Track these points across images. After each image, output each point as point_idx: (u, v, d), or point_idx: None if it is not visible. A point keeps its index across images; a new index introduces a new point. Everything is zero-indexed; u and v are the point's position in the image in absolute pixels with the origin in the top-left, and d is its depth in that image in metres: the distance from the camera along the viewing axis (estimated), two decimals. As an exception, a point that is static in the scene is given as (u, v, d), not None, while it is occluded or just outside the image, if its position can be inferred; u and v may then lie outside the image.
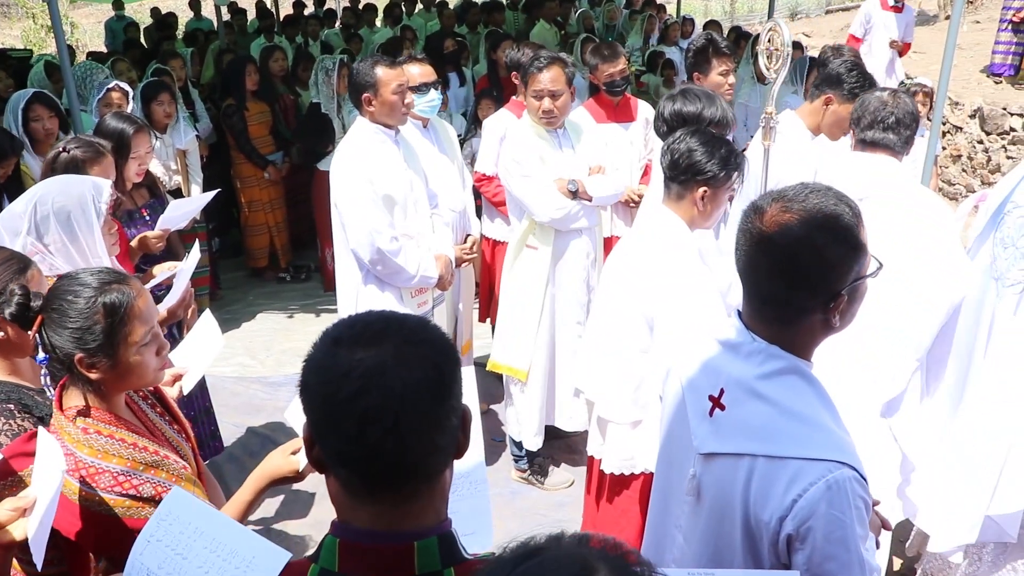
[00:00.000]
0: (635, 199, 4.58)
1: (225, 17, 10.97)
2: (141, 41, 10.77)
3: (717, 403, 1.71)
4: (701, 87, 3.34)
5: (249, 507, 1.91)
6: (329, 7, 13.40)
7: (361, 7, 12.26)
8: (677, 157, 2.71)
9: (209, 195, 4.07)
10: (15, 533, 1.68)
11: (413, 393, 1.15)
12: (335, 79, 6.35)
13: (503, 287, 4.22)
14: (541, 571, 0.84)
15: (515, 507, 4.27)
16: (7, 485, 1.84)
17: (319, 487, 3.91)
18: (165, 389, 2.30)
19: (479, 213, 4.90)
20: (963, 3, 5.06)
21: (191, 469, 2.08)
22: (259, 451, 4.65)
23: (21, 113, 4.64)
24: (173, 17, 11.89)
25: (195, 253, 3.14)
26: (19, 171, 4.44)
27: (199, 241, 3.34)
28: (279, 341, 6.26)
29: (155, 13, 12.66)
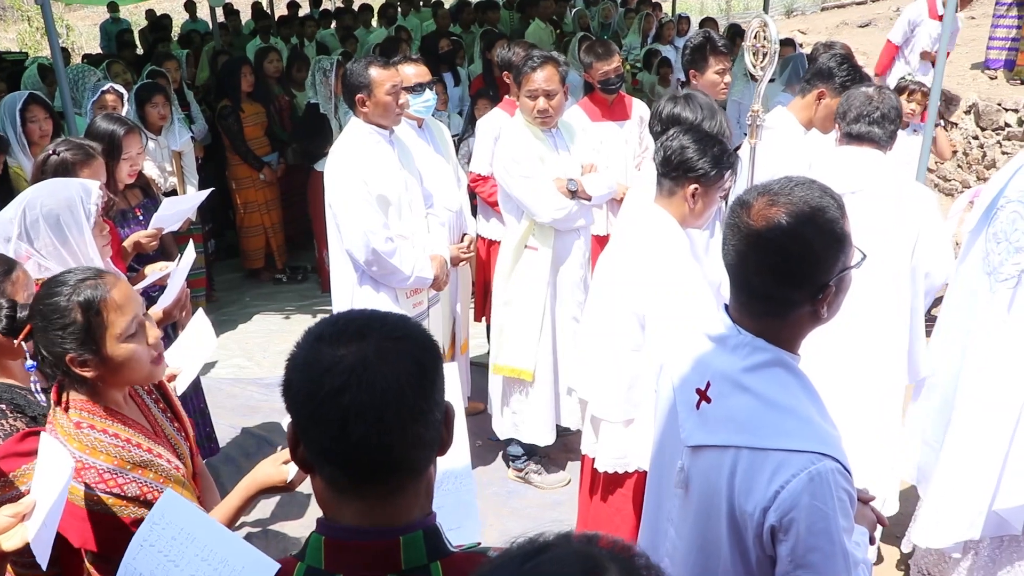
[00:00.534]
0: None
1: (220, 18, 10.97)
2: (135, 43, 10.76)
3: (704, 396, 1.72)
4: (706, 97, 3.32)
5: (237, 514, 1.91)
6: (325, 8, 13.39)
7: (357, 8, 12.26)
8: (670, 154, 2.73)
9: (203, 194, 4.07)
10: (13, 540, 1.68)
11: (395, 389, 1.15)
12: (333, 80, 6.35)
13: (501, 289, 4.20)
14: (551, 567, 0.84)
15: (511, 506, 4.27)
16: None
17: (315, 488, 3.91)
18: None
19: (474, 213, 4.90)
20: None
21: (185, 469, 2.08)
22: (255, 452, 4.65)
23: (18, 114, 4.64)
24: (168, 19, 11.89)
25: (190, 253, 3.14)
26: (7, 172, 4.42)
27: (194, 242, 3.32)
28: (275, 342, 6.26)
29: (150, 15, 12.67)
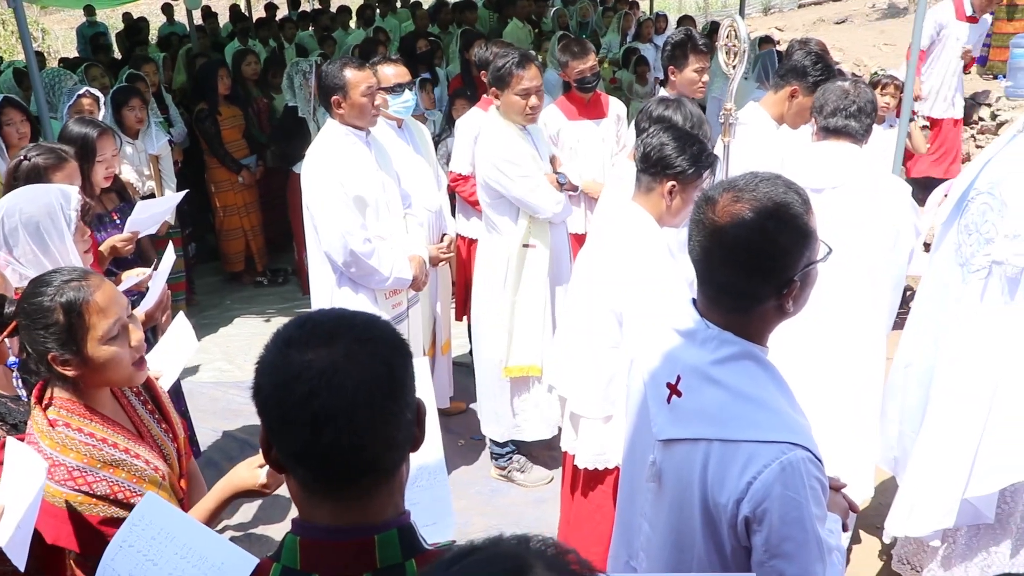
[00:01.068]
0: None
1: (198, 21, 10.91)
2: (112, 47, 10.70)
3: (674, 390, 1.73)
4: (696, 108, 3.35)
5: (212, 517, 1.91)
6: (303, 9, 13.34)
7: (335, 9, 12.24)
8: (649, 150, 2.75)
9: (178, 196, 4.05)
10: None
11: (365, 391, 1.16)
12: (312, 82, 6.33)
13: (500, 292, 4.18)
14: (476, 568, 0.86)
15: (494, 505, 4.28)
16: None
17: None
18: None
19: (453, 212, 4.92)
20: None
21: (170, 471, 2.09)
22: (237, 456, 4.63)
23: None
24: (145, 22, 11.82)
25: (169, 255, 3.13)
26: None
27: (173, 245, 3.30)
28: (257, 346, 6.06)
29: (127, 19, 12.58)
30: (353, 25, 11.90)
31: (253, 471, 1.88)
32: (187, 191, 4.42)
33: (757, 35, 8.05)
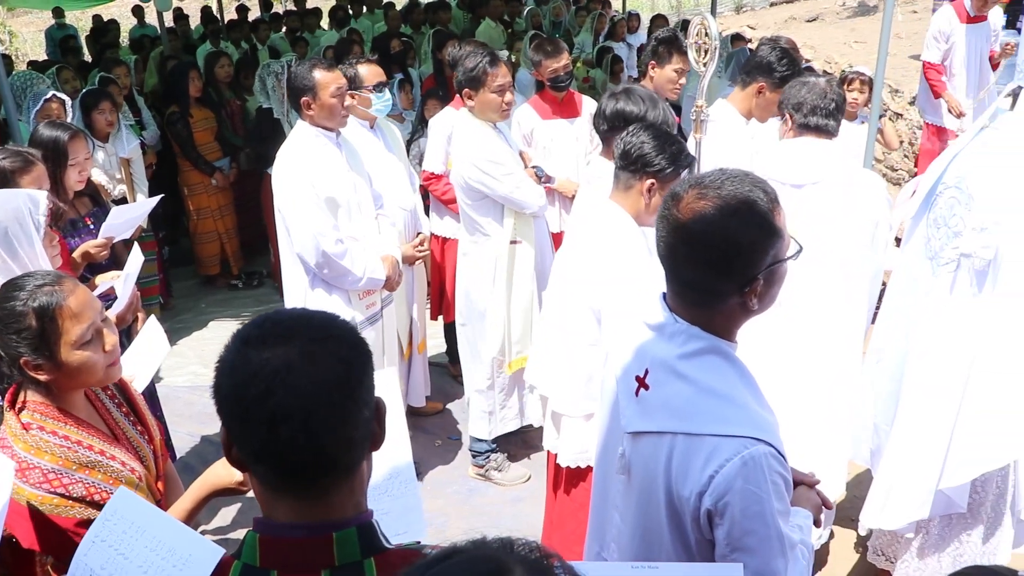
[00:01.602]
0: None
1: (169, 23, 10.82)
2: (82, 49, 10.58)
3: (642, 383, 1.74)
4: (645, 88, 3.37)
5: (190, 516, 1.91)
6: (275, 11, 13.26)
7: (307, 10, 12.15)
8: (629, 148, 2.76)
9: (153, 200, 4.03)
10: None
11: (321, 390, 1.18)
12: (285, 83, 6.30)
13: (490, 291, 4.20)
14: (456, 570, 0.86)
15: (472, 504, 4.29)
16: None
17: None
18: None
19: (426, 211, 4.92)
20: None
21: (146, 472, 2.08)
22: (214, 459, 4.47)
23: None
24: (115, 24, 11.70)
25: (136, 256, 3.11)
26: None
27: (139, 248, 3.27)
28: None
29: (97, 21, 12.46)
30: (325, 26, 11.83)
31: (230, 469, 1.87)
32: (162, 196, 4.38)
33: (729, 33, 8.09)
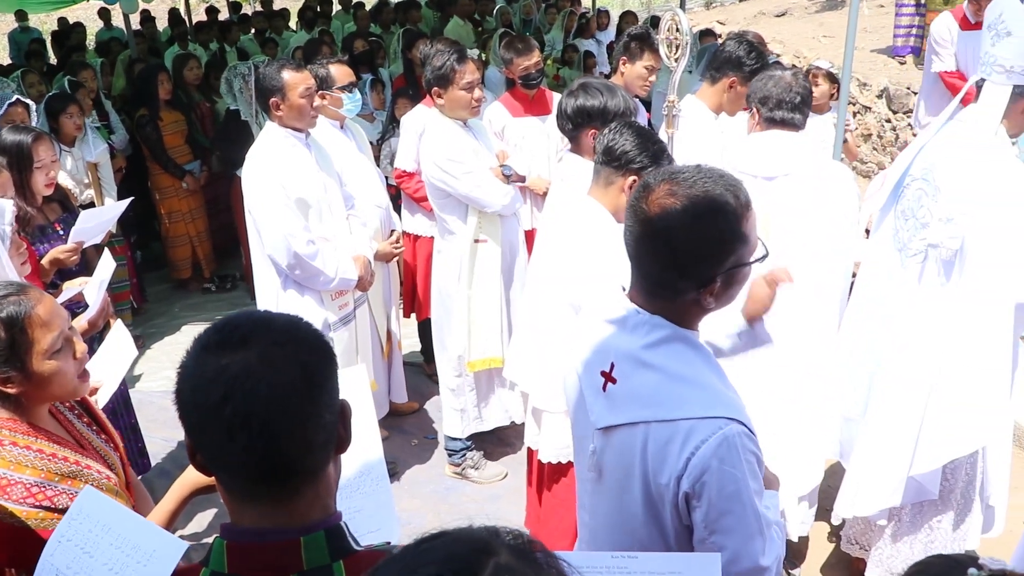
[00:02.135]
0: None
1: (136, 26, 10.71)
2: (47, 53, 10.45)
3: (608, 377, 1.75)
4: (600, 80, 3.38)
5: (173, 516, 1.89)
6: (244, 12, 13.16)
7: (275, 11, 12.09)
8: (612, 144, 2.76)
9: (122, 204, 3.98)
10: None
11: (280, 395, 1.16)
12: (252, 84, 6.25)
13: (455, 289, 4.19)
14: (443, 547, 0.87)
15: (450, 502, 4.29)
16: None
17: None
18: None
19: (397, 209, 4.91)
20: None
21: (117, 480, 2.06)
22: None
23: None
24: (80, 27, 11.57)
25: (107, 261, 3.07)
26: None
27: (109, 253, 3.23)
28: None
29: (63, 23, 12.31)
30: (294, 27, 11.76)
31: None
32: (132, 199, 4.34)
33: (699, 28, 8.13)
